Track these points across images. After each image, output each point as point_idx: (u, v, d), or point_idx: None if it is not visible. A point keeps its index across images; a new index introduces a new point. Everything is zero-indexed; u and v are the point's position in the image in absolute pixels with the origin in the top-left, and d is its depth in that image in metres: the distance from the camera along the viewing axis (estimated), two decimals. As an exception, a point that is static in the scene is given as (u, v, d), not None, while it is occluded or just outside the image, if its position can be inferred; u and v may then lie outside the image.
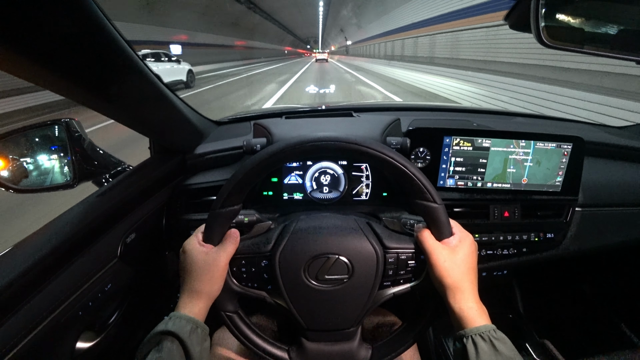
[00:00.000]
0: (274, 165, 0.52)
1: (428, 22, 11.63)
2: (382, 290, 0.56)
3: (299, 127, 0.84)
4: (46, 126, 0.74)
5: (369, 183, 0.81)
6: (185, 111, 0.78)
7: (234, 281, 0.56)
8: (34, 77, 0.46)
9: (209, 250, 0.53)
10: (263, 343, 0.58)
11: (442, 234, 0.52)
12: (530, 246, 0.81)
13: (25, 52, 0.39)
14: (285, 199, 0.82)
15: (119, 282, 0.65)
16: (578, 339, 1.11)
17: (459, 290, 0.50)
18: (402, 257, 0.55)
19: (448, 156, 0.78)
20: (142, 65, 0.56)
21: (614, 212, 0.85)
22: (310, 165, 0.80)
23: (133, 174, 0.77)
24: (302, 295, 0.54)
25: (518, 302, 1.25)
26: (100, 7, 0.44)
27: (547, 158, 0.76)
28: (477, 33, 7.90)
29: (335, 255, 0.54)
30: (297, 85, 10.82)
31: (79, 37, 0.43)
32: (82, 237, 0.58)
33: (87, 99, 0.54)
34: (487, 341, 0.45)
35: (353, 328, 0.57)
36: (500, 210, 0.80)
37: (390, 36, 18.31)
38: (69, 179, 0.72)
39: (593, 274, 1.14)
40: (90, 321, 0.62)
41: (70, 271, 0.55)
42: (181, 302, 0.52)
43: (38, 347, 0.48)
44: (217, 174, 0.84)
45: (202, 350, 0.49)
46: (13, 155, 0.70)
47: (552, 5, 0.67)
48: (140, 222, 0.72)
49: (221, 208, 0.52)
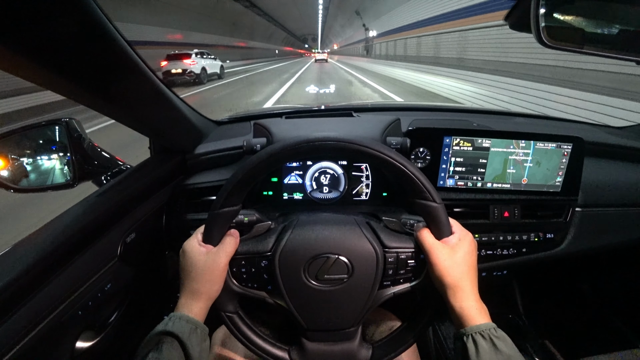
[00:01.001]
0: (274, 165, 0.52)
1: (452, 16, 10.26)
2: (382, 290, 0.56)
3: (299, 127, 0.84)
4: (46, 126, 0.74)
5: (369, 183, 0.81)
6: (185, 111, 0.78)
7: (234, 281, 0.56)
8: (34, 77, 0.46)
9: (208, 250, 0.53)
10: (263, 343, 0.58)
11: (442, 233, 0.52)
12: (530, 246, 0.81)
13: (25, 52, 0.39)
14: (285, 199, 0.82)
15: (119, 282, 0.65)
16: (578, 339, 1.11)
17: (459, 289, 0.50)
18: (402, 256, 0.55)
19: (448, 156, 0.78)
20: (142, 65, 0.56)
21: (614, 212, 0.85)
22: (310, 165, 0.80)
23: (133, 174, 0.76)
24: (302, 295, 0.54)
25: (518, 302, 1.25)
26: (100, 7, 0.44)
27: (547, 158, 0.76)
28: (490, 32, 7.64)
29: (335, 255, 0.54)
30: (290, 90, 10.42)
31: (79, 37, 0.43)
32: (82, 237, 0.58)
33: (87, 98, 0.54)
34: (488, 339, 0.45)
35: (353, 328, 0.57)
36: (500, 210, 0.80)
37: (394, 35, 17.81)
38: (69, 179, 0.72)
39: (593, 274, 1.14)
40: (90, 321, 0.61)
41: (70, 271, 0.55)
42: (181, 303, 0.52)
43: (38, 347, 0.48)
44: (217, 174, 0.84)
45: (202, 351, 0.49)
46: (13, 155, 0.70)
47: (552, 5, 0.67)
48: (140, 222, 0.72)
49: (221, 208, 0.52)
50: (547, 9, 0.65)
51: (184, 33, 19.26)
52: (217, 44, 23.95)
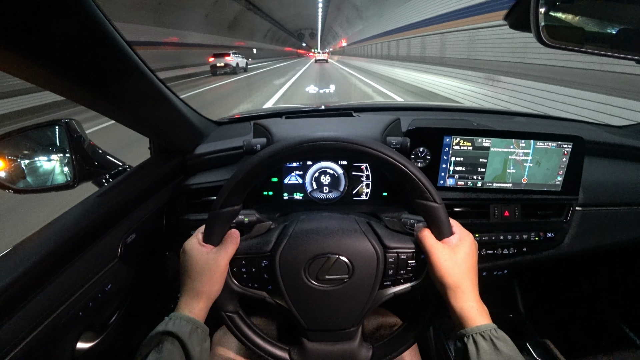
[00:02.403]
0: (274, 165, 0.52)
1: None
2: (383, 290, 0.56)
3: (299, 127, 0.84)
4: (46, 126, 0.74)
5: (369, 183, 0.81)
6: (186, 111, 0.78)
7: (234, 281, 0.56)
8: (34, 77, 0.45)
9: (209, 250, 0.53)
10: (264, 343, 0.58)
11: (443, 233, 0.52)
12: (531, 246, 0.81)
13: (25, 52, 0.39)
14: (286, 199, 0.82)
15: (119, 282, 0.65)
16: (578, 339, 1.11)
17: (460, 290, 0.50)
18: (402, 256, 0.55)
19: (448, 156, 0.78)
20: (142, 65, 0.56)
21: (614, 211, 0.85)
22: (311, 165, 0.80)
23: (133, 174, 0.76)
24: (302, 295, 0.54)
25: (518, 302, 1.25)
26: (100, 7, 0.44)
27: (547, 158, 0.76)
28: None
29: (335, 255, 0.54)
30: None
31: (79, 37, 0.43)
32: (82, 237, 0.58)
33: (87, 99, 0.54)
34: (488, 340, 0.45)
35: (354, 328, 0.57)
36: (500, 210, 0.80)
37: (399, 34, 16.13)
38: (69, 179, 0.72)
39: (593, 273, 1.14)
40: (91, 321, 0.61)
41: (70, 271, 0.55)
42: (181, 303, 0.52)
43: (38, 348, 0.48)
44: (217, 174, 0.84)
45: (202, 351, 0.49)
46: (13, 155, 0.70)
47: (552, 4, 0.67)
48: (141, 223, 0.72)
49: (221, 208, 0.52)
50: (547, 8, 0.65)
51: (194, 34, 20.26)
52: (219, 44, 24.17)
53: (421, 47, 12.47)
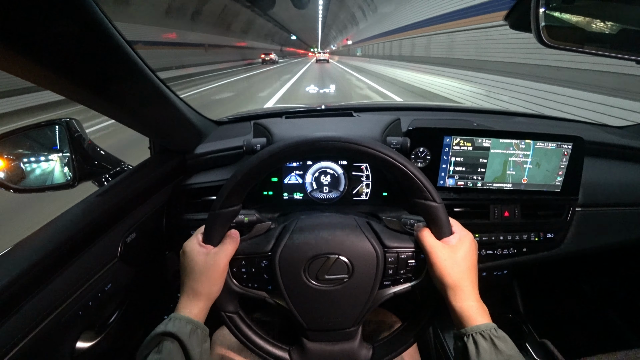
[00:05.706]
0: (274, 165, 0.52)
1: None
2: (383, 290, 0.56)
3: (299, 127, 0.84)
4: (46, 126, 0.74)
5: (369, 183, 0.81)
6: (186, 111, 0.78)
7: (234, 281, 0.56)
8: (34, 77, 0.45)
9: (209, 250, 0.53)
10: (264, 343, 0.58)
11: (442, 232, 0.52)
12: (531, 246, 0.81)
13: (27, 51, 0.39)
14: (286, 198, 0.82)
15: (119, 282, 0.65)
16: (578, 339, 1.11)
17: (459, 289, 0.50)
18: (402, 256, 0.55)
19: (448, 156, 0.78)
20: (142, 65, 0.56)
21: (614, 212, 0.85)
22: (310, 165, 0.80)
23: (133, 174, 0.76)
24: (302, 295, 0.54)
25: (518, 302, 1.25)
26: (100, 7, 0.44)
27: (547, 158, 0.76)
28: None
29: (335, 255, 0.54)
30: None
31: (79, 37, 0.43)
32: (82, 237, 0.58)
33: (87, 99, 0.54)
34: (488, 340, 0.45)
35: (354, 328, 0.57)
36: (500, 210, 0.80)
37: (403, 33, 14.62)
38: (69, 179, 0.72)
39: (593, 273, 1.14)
40: (90, 321, 0.61)
41: (70, 271, 0.55)
42: (181, 303, 0.52)
43: (38, 347, 0.48)
44: (217, 174, 0.84)
45: (202, 351, 0.49)
46: (13, 155, 0.70)
47: (552, 5, 0.67)
48: (141, 222, 0.72)
49: (221, 208, 0.52)
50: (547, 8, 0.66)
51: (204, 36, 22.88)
52: (216, 44, 24.69)
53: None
